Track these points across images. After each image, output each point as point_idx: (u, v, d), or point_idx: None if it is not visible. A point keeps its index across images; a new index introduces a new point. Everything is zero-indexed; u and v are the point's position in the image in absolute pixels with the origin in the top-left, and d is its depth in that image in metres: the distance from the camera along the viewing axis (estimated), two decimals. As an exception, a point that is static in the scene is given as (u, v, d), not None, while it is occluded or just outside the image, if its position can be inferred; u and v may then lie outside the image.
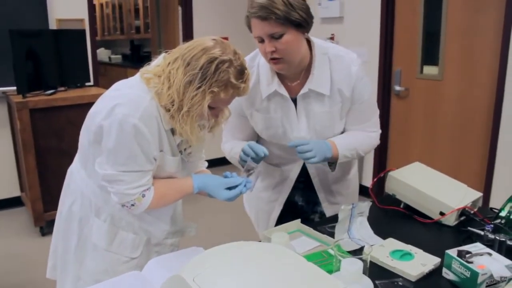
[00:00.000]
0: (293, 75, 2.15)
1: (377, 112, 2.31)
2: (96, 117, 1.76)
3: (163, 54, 1.87)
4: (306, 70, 2.15)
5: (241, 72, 1.74)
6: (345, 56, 2.16)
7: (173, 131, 1.82)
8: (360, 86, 2.16)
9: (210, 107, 1.77)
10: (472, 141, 4.36)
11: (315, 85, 2.12)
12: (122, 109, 1.68)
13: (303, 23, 2.00)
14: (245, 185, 1.91)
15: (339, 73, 2.13)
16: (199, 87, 1.67)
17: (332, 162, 2.21)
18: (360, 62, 2.17)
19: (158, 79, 1.74)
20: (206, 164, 2.23)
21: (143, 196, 1.78)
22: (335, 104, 2.16)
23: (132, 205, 1.78)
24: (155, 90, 1.73)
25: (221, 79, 1.69)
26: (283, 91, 2.16)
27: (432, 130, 4.72)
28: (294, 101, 2.19)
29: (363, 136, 2.23)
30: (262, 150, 2.02)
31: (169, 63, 1.73)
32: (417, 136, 4.90)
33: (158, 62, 1.84)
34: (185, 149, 1.94)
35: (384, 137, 5.09)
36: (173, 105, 1.71)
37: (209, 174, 1.98)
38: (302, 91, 2.14)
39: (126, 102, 1.70)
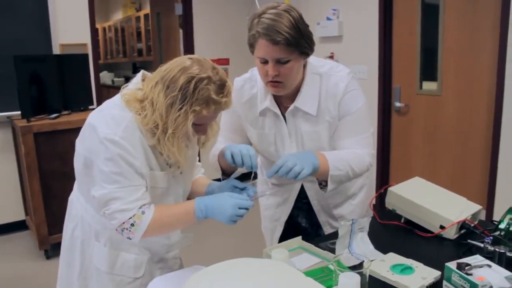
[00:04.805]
0: (287, 95, 2.15)
1: (369, 131, 2.20)
2: (84, 141, 1.79)
3: (141, 72, 1.89)
4: (298, 89, 2.14)
5: (222, 87, 1.73)
6: (335, 74, 2.13)
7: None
8: (346, 99, 2.11)
9: (197, 125, 1.77)
10: (473, 155, 4.37)
11: (301, 103, 2.12)
12: (104, 129, 1.69)
13: (309, 52, 2.01)
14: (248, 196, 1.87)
15: (327, 92, 2.12)
16: (181, 108, 1.68)
17: (323, 181, 2.09)
18: (349, 78, 2.13)
19: (139, 103, 1.75)
20: (203, 170, 2.23)
21: (143, 213, 1.74)
22: (322, 123, 2.15)
23: (132, 224, 1.73)
24: (137, 113, 1.73)
25: (201, 97, 1.68)
26: (275, 108, 2.18)
27: (433, 145, 4.74)
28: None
29: (352, 152, 2.12)
30: (252, 164, 1.92)
31: (151, 88, 1.74)
32: (418, 151, 4.91)
33: (137, 81, 1.86)
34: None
35: (386, 153, 5.12)
36: (157, 128, 1.72)
37: (215, 195, 1.86)
38: (289, 109, 2.15)
39: (107, 122, 1.72)
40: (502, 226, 1.91)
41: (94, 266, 1.95)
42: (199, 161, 2.23)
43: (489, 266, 1.59)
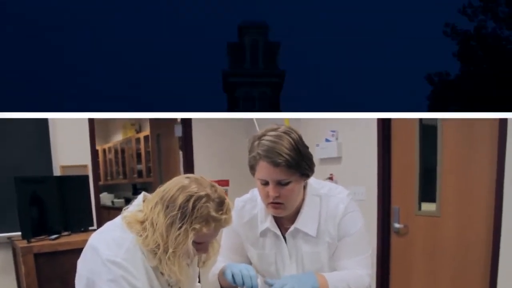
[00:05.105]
0: (287, 216, 2.17)
1: (368, 251, 2.22)
2: (85, 263, 1.80)
3: (142, 194, 1.93)
4: (298, 210, 2.17)
5: (221, 204, 1.76)
6: (335, 196, 2.17)
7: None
8: (346, 221, 2.14)
9: (197, 243, 1.78)
10: (472, 275, 4.32)
11: (301, 224, 2.15)
12: (106, 251, 1.72)
13: (309, 173, 2.06)
14: None
15: (327, 214, 2.15)
16: (181, 227, 1.70)
17: None
18: (349, 200, 2.17)
19: (140, 225, 1.78)
20: None
21: None
22: (322, 244, 2.16)
23: None
24: (138, 235, 1.76)
25: (200, 215, 1.71)
26: (275, 229, 2.20)
27: (432, 266, 4.69)
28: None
29: (352, 272, 2.12)
30: (253, 284, 1.95)
31: (151, 208, 1.77)
32: (418, 272, 4.85)
33: (138, 202, 1.89)
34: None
35: (385, 273, 5.06)
36: (159, 249, 1.74)
37: None
38: (289, 230, 2.17)
39: (109, 243, 1.75)
40: None
41: None
42: (199, 281, 2.24)
43: None
